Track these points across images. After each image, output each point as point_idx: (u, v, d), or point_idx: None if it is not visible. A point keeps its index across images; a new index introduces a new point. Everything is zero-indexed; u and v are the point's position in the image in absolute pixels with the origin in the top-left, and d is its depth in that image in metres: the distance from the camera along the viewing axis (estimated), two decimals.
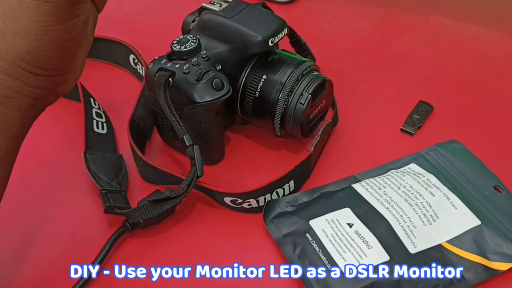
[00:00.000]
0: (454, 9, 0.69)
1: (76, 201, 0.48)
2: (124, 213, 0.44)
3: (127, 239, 0.45)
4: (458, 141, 0.51)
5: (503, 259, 0.41)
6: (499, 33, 0.66)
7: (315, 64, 0.49)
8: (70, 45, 0.35)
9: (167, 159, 0.52)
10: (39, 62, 0.35)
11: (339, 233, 0.43)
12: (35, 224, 0.46)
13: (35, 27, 0.33)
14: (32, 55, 0.34)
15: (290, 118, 0.47)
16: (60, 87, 0.38)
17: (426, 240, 0.42)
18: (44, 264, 0.43)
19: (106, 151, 0.51)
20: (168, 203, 0.44)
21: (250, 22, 0.47)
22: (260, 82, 0.47)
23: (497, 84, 0.59)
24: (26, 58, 0.34)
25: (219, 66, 0.47)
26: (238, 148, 0.52)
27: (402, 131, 0.53)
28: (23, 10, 0.33)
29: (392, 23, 0.68)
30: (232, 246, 0.45)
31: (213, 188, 0.45)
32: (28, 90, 0.36)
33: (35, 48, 0.34)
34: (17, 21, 0.33)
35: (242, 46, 0.47)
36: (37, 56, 0.34)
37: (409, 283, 0.39)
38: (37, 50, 0.34)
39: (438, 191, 0.45)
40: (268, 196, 0.46)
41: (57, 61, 0.35)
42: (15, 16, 0.33)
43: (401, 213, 0.43)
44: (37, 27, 0.33)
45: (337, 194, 0.46)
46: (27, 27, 0.33)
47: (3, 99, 0.35)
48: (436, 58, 0.62)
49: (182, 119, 0.45)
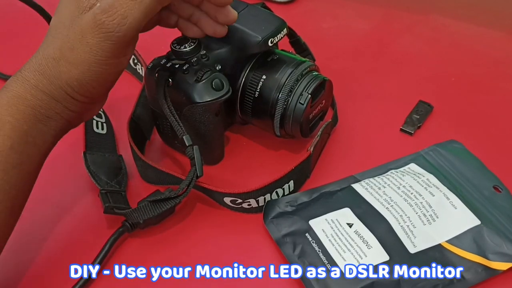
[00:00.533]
0: (454, 9, 0.69)
1: (75, 201, 0.48)
2: (124, 213, 0.44)
3: (127, 239, 0.45)
4: (457, 141, 0.51)
5: (503, 258, 0.41)
6: (499, 33, 0.66)
7: (315, 64, 0.49)
8: (112, 79, 0.40)
9: (166, 159, 0.52)
10: (84, 90, 0.38)
11: (338, 233, 0.43)
12: (35, 224, 0.46)
13: (91, 60, 0.37)
14: (80, 83, 0.38)
15: (290, 118, 0.47)
16: (87, 113, 0.42)
17: (425, 240, 0.42)
18: (44, 264, 0.43)
19: (106, 151, 0.51)
20: (168, 203, 0.44)
21: (250, 22, 0.47)
22: (259, 82, 0.47)
23: (497, 84, 0.59)
24: (74, 85, 0.38)
25: (219, 66, 0.47)
26: (237, 148, 0.52)
27: (401, 131, 0.53)
28: (83, 44, 0.37)
29: (392, 23, 0.68)
30: (232, 246, 0.45)
31: (213, 188, 0.45)
32: (65, 112, 0.39)
33: (85, 78, 0.38)
34: (75, 53, 0.37)
35: (242, 46, 0.47)
36: (84, 85, 0.38)
37: (409, 283, 0.39)
38: (86, 80, 0.38)
39: (438, 191, 0.45)
40: (268, 196, 0.46)
41: (98, 91, 0.39)
42: (74, 48, 0.37)
43: (401, 213, 0.43)
44: (92, 60, 0.37)
45: (336, 194, 0.46)
46: (83, 59, 0.37)
47: (44, 118, 0.38)
48: (435, 58, 0.62)
49: (182, 119, 0.45)
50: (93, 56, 0.37)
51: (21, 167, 0.38)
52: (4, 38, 0.69)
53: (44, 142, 0.39)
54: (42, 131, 0.38)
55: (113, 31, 0.36)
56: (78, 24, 0.37)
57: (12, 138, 0.37)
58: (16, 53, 0.65)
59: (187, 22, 0.44)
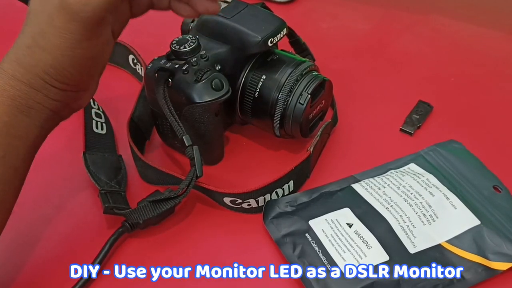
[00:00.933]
0: (453, 9, 0.69)
1: (75, 202, 0.48)
2: (124, 214, 0.44)
3: (126, 239, 0.45)
4: (457, 141, 0.51)
5: (503, 258, 0.41)
6: (499, 33, 0.66)
7: (315, 64, 0.49)
8: (90, 64, 0.38)
9: (166, 160, 0.52)
10: (61, 76, 0.37)
11: (338, 233, 0.43)
12: (34, 224, 0.46)
13: (62, 44, 0.36)
14: (56, 70, 0.37)
15: (290, 118, 0.47)
16: (75, 102, 0.40)
17: (425, 240, 0.42)
18: (44, 264, 0.43)
19: (106, 152, 0.51)
20: (168, 204, 0.44)
21: (250, 22, 0.47)
22: (259, 82, 0.47)
23: (497, 84, 0.59)
24: (51, 72, 0.37)
25: (219, 66, 0.47)
26: (237, 148, 0.52)
27: (401, 131, 0.53)
28: (51, 28, 0.36)
29: (391, 23, 0.68)
30: (232, 246, 0.44)
31: (212, 188, 0.45)
32: (48, 102, 0.38)
33: (60, 63, 0.37)
34: (46, 38, 0.36)
35: (242, 46, 0.47)
36: (60, 71, 0.37)
37: (409, 283, 0.39)
38: (61, 65, 0.37)
39: (438, 191, 0.45)
40: (267, 196, 0.46)
41: (77, 78, 0.38)
42: (44, 33, 0.36)
43: (401, 213, 0.43)
44: (63, 44, 0.36)
45: (336, 194, 0.46)
46: (54, 44, 0.36)
47: (25, 109, 0.37)
48: (435, 58, 0.62)
49: (182, 119, 0.45)
50: (63, 40, 0.36)
51: (5, 160, 0.37)
52: (3, 38, 0.69)
53: (28, 134, 0.38)
54: (24, 122, 0.37)
55: (78, 11, 0.35)
56: (47, 8, 0.36)
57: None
58: None
59: (179, 2, 0.42)
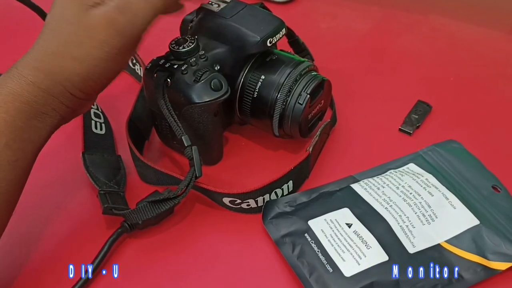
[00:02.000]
0: (453, 9, 0.69)
1: (74, 202, 0.48)
2: (123, 214, 0.44)
3: (125, 240, 0.45)
4: (456, 141, 0.51)
5: (502, 258, 0.41)
6: (498, 33, 0.66)
7: (314, 64, 0.49)
8: (113, 76, 0.40)
9: (165, 160, 0.52)
10: (85, 86, 0.39)
11: (338, 233, 0.43)
12: (33, 224, 0.46)
13: (99, 56, 0.38)
14: (83, 79, 0.38)
15: (289, 118, 0.47)
16: (81, 109, 0.41)
17: (425, 240, 0.42)
18: (43, 265, 0.43)
19: (105, 152, 0.50)
20: (167, 204, 0.44)
21: (248, 22, 0.47)
22: (258, 83, 0.47)
23: (496, 84, 0.59)
24: (75, 80, 0.38)
25: (218, 67, 0.47)
26: (236, 149, 0.52)
27: (400, 131, 0.53)
28: (92, 40, 0.37)
29: (390, 23, 0.68)
30: (231, 246, 0.44)
31: (211, 188, 0.45)
32: (61, 108, 0.39)
33: (89, 73, 0.38)
34: (82, 49, 0.37)
35: (240, 46, 0.47)
36: (87, 81, 0.39)
37: (408, 283, 0.39)
38: (89, 75, 0.38)
39: (437, 191, 0.45)
40: (267, 196, 0.46)
41: (97, 88, 0.40)
42: (82, 44, 0.37)
43: (400, 213, 0.43)
44: (100, 56, 0.38)
45: (335, 194, 0.46)
46: (90, 54, 0.38)
47: (39, 114, 0.38)
48: (434, 58, 0.62)
49: (181, 119, 0.45)
50: (102, 52, 0.38)
51: (16, 164, 0.38)
52: (3, 38, 0.69)
53: (39, 138, 0.39)
54: (37, 127, 0.38)
55: (124, 28, 0.38)
56: (87, 20, 0.37)
57: (6, 135, 0.37)
58: (13, 53, 0.65)
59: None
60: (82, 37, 0.37)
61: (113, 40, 0.38)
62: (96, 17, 0.37)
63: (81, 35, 0.37)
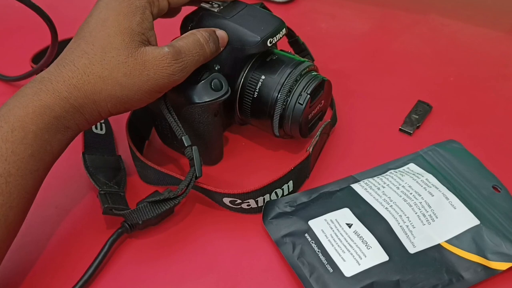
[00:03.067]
0: (452, 9, 0.70)
1: (75, 202, 0.48)
2: (123, 214, 0.44)
3: (126, 240, 0.45)
4: (456, 141, 0.51)
5: (502, 258, 0.41)
6: (498, 32, 0.66)
7: (314, 64, 0.48)
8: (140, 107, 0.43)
9: (165, 160, 0.52)
10: (116, 109, 0.41)
11: (338, 233, 0.43)
12: (34, 225, 0.46)
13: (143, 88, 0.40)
14: (119, 103, 0.41)
15: (289, 118, 0.47)
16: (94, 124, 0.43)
17: (425, 240, 0.42)
18: (43, 265, 0.43)
19: (105, 152, 0.50)
20: (167, 204, 0.44)
21: (249, 22, 0.47)
22: (258, 83, 0.47)
23: (496, 83, 0.59)
24: (110, 102, 0.40)
25: (218, 67, 0.47)
26: (237, 149, 0.52)
27: (400, 131, 0.53)
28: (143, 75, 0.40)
29: (390, 23, 0.68)
30: (231, 246, 0.44)
31: (212, 188, 0.45)
32: (84, 124, 0.41)
33: (127, 100, 0.41)
34: (130, 79, 0.40)
35: (241, 46, 0.47)
36: (121, 105, 0.41)
37: (408, 283, 0.39)
38: (126, 101, 0.41)
39: (437, 191, 0.45)
40: (267, 196, 0.46)
41: (122, 112, 0.42)
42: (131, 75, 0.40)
43: (400, 213, 0.43)
44: (144, 89, 0.40)
45: (336, 194, 0.46)
46: (136, 85, 0.40)
47: (64, 128, 0.40)
48: (434, 58, 0.62)
49: (181, 119, 0.45)
50: (148, 86, 0.40)
51: (37, 173, 0.39)
52: (1, 38, 0.69)
53: (59, 150, 0.41)
54: (60, 140, 0.40)
55: (174, 74, 0.41)
56: (141, 56, 0.40)
57: (33, 146, 0.38)
58: (13, 53, 0.65)
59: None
60: (133, 69, 0.40)
61: (160, 80, 0.41)
62: (152, 56, 0.40)
63: (132, 67, 0.40)
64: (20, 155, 0.37)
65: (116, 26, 0.40)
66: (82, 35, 0.41)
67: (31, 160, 0.38)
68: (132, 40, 0.40)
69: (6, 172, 0.37)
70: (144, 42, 0.41)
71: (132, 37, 0.40)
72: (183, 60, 0.41)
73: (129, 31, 0.40)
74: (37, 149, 0.38)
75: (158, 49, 0.41)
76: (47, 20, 0.51)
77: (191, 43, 0.43)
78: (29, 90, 0.39)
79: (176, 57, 0.41)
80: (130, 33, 0.40)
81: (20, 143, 0.37)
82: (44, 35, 0.53)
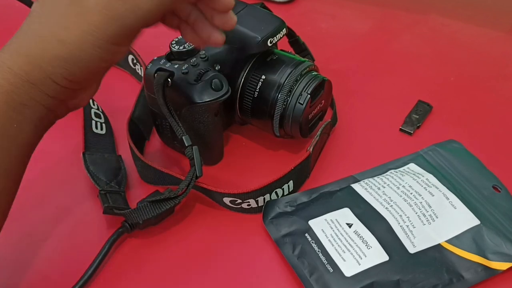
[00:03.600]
0: (453, 9, 0.69)
1: (75, 202, 0.48)
2: (123, 214, 0.44)
3: (126, 240, 0.45)
4: (457, 140, 0.51)
5: (502, 258, 0.41)
6: (498, 32, 0.66)
7: (314, 64, 0.49)
8: (103, 67, 0.37)
9: (166, 160, 0.52)
10: (68, 72, 0.35)
11: (338, 233, 0.43)
12: (34, 225, 0.46)
13: (89, 40, 0.34)
14: (67, 63, 0.35)
15: (289, 118, 0.47)
16: (72, 101, 0.38)
17: (425, 240, 0.42)
18: (44, 265, 0.43)
19: (105, 152, 0.50)
20: (167, 204, 0.44)
21: (249, 22, 0.47)
22: (259, 83, 0.47)
23: (496, 83, 0.59)
24: (58, 64, 0.35)
25: (218, 67, 0.47)
26: (237, 149, 0.52)
27: (401, 131, 0.53)
28: (84, 23, 0.34)
29: (390, 23, 0.68)
30: (231, 246, 0.44)
31: (212, 188, 0.45)
32: (43, 98, 0.35)
33: (74, 58, 0.35)
34: (71, 31, 0.34)
35: (241, 46, 0.47)
36: (70, 66, 0.35)
37: (408, 283, 0.39)
38: (74, 60, 0.35)
39: (437, 191, 0.45)
40: (267, 196, 0.46)
41: (83, 76, 0.36)
42: (71, 26, 0.34)
43: (401, 213, 0.43)
44: (91, 40, 0.34)
45: (336, 194, 0.46)
46: (80, 37, 0.34)
47: (18, 106, 0.35)
48: (435, 57, 0.62)
49: (181, 119, 0.45)
50: (93, 36, 0.34)
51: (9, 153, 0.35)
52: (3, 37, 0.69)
53: (20, 133, 0.35)
54: (16, 120, 0.35)
55: (122, 16, 0.34)
56: (82, 3, 0.34)
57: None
58: None
59: (186, 25, 0.41)
60: (72, 19, 0.34)
61: (108, 26, 0.34)
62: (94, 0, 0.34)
63: (71, 17, 0.34)
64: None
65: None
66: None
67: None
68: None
69: None
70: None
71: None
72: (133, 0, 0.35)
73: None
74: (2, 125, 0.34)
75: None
76: None
77: None
78: None
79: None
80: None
81: None
82: None
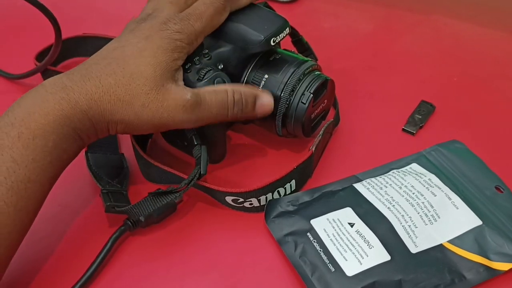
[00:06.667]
0: (455, 9, 0.69)
1: (77, 201, 0.48)
2: (125, 210, 0.44)
3: (128, 238, 0.45)
4: (459, 141, 0.51)
5: (505, 259, 0.41)
6: (501, 33, 0.66)
7: (317, 64, 0.48)
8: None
9: (169, 158, 0.52)
10: (124, 131, 0.42)
11: (340, 232, 0.43)
12: (35, 223, 0.46)
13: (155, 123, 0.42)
14: (128, 127, 0.42)
15: (292, 117, 0.47)
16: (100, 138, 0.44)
17: (427, 240, 0.42)
18: (45, 263, 0.44)
19: (108, 150, 0.51)
20: (168, 197, 0.44)
21: (252, 21, 0.47)
22: (261, 82, 0.47)
23: (499, 84, 0.59)
24: (122, 125, 0.42)
25: (221, 65, 0.47)
26: (239, 148, 0.52)
27: (403, 131, 0.53)
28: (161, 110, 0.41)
29: (393, 23, 0.68)
30: (233, 245, 0.45)
31: (214, 187, 0.45)
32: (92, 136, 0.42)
33: (138, 125, 0.42)
34: (148, 110, 0.41)
35: (244, 45, 0.47)
36: (130, 129, 0.42)
37: (410, 283, 0.39)
38: (136, 126, 0.42)
39: (440, 191, 0.45)
40: (269, 195, 0.46)
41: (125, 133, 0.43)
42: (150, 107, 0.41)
43: (403, 212, 0.43)
44: (155, 124, 0.42)
45: (338, 194, 0.46)
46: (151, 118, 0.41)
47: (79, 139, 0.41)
48: (438, 58, 0.62)
49: None
50: (157, 122, 0.41)
51: (53, 180, 0.41)
52: (5, 36, 0.69)
53: (72, 158, 0.42)
54: (74, 150, 0.41)
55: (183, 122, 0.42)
56: (163, 93, 0.41)
57: (52, 154, 0.39)
58: (17, 51, 0.65)
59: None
60: (153, 102, 0.41)
61: (171, 122, 0.42)
62: (175, 95, 0.41)
63: (151, 99, 0.41)
64: (40, 162, 0.38)
65: (152, 58, 0.41)
66: (115, 57, 0.41)
67: (49, 168, 0.39)
68: (162, 74, 0.41)
69: (26, 178, 0.38)
70: (172, 79, 0.42)
71: (164, 72, 0.41)
72: (199, 114, 0.42)
73: (163, 66, 0.41)
74: (56, 157, 0.39)
75: (181, 92, 0.42)
76: (51, 18, 0.52)
77: (215, 101, 0.43)
78: (51, 97, 0.39)
79: (194, 108, 0.42)
80: (164, 67, 0.41)
81: (41, 150, 0.38)
82: (48, 33, 0.53)
